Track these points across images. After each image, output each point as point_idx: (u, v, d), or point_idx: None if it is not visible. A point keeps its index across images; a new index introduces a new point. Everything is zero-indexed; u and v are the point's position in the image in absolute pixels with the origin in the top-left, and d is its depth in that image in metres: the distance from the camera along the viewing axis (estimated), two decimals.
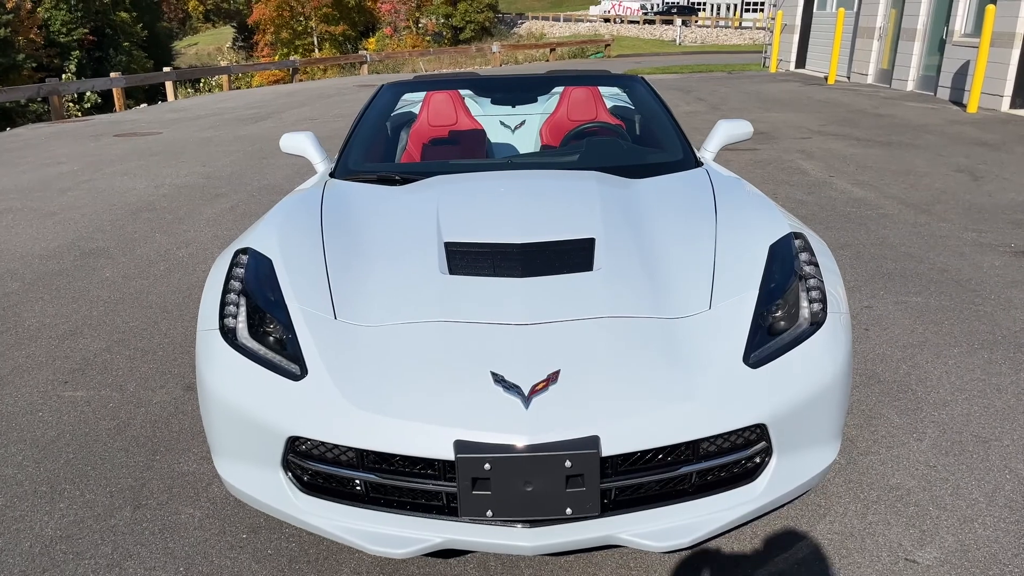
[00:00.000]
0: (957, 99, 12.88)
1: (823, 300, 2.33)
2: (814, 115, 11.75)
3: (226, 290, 2.40)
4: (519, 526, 2.02)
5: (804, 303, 2.31)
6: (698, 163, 3.47)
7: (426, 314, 2.26)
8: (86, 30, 45.01)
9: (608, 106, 4.42)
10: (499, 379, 2.04)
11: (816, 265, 2.44)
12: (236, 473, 2.26)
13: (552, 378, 2.04)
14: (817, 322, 2.28)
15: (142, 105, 19.81)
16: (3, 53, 38.97)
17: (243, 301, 2.35)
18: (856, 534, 2.44)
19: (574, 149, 3.64)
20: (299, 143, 3.79)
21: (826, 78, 16.91)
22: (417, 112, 4.48)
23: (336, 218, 2.81)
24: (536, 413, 1.97)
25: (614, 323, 2.20)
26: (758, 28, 48.18)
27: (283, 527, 2.53)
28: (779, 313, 2.29)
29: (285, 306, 2.30)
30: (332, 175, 3.49)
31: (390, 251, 2.57)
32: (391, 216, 2.84)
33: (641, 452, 2.03)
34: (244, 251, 2.54)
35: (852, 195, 6.86)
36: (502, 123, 4.74)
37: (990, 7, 11.35)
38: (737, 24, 53.97)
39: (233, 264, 2.50)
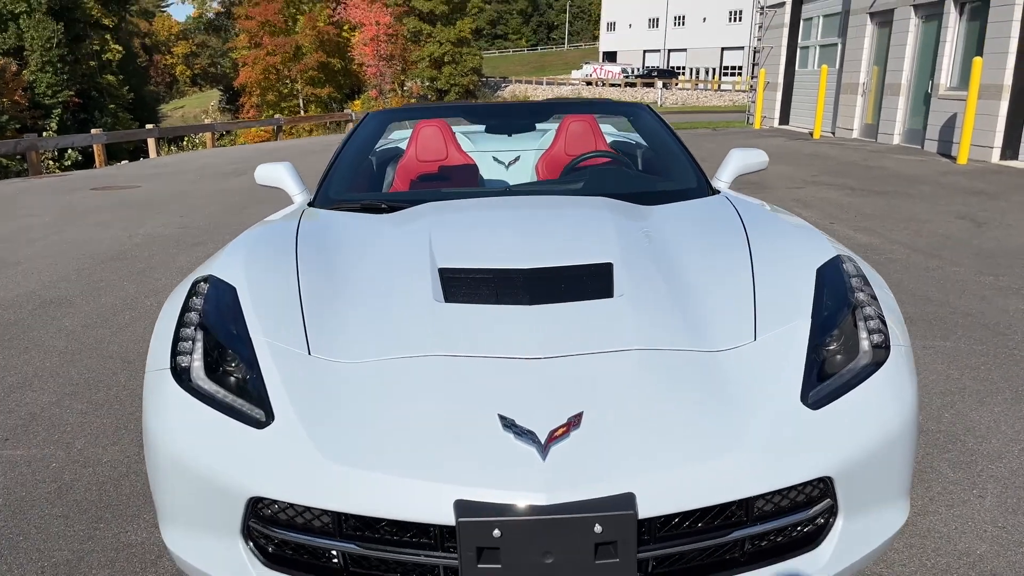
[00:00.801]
0: (945, 151, 12.82)
1: (883, 331, 1.98)
2: (804, 167, 11.61)
3: (181, 324, 2.03)
4: None
5: (863, 334, 1.97)
6: (714, 192, 3.15)
7: (418, 347, 1.89)
8: (72, 92, 45.01)
9: (608, 141, 4.13)
10: (509, 424, 1.67)
11: (870, 290, 2.10)
12: (186, 544, 1.86)
13: (574, 422, 1.67)
14: (880, 357, 1.93)
15: (123, 162, 19.55)
16: None
17: (200, 336, 1.97)
18: None
19: (577, 178, 3.32)
20: (275, 174, 3.46)
21: (811, 133, 16.92)
22: (404, 148, 4.17)
23: (313, 245, 2.45)
24: (556, 465, 1.60)
25: (645, 356, 1.84)
26: (738, 90, 48.97)
27: None
28: (834, 347, 1.94)
29: (249, 340, 1.93)
30: (311, 205, 3.15)
31: (375, 279, 2.22)
32: (376, 244, 2.49)
33: (686, 513, 1.65)
34: (205, 279, 2.18)
35: (857, 240, 6.59)
36: (495, 159, 4.44)
37: (977, 59, 11.35)
38: (716, 87, 54.88)
39: (191, 294, 2.13)
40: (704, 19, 73.28)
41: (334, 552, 1.72)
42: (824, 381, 1.84)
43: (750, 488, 1.64)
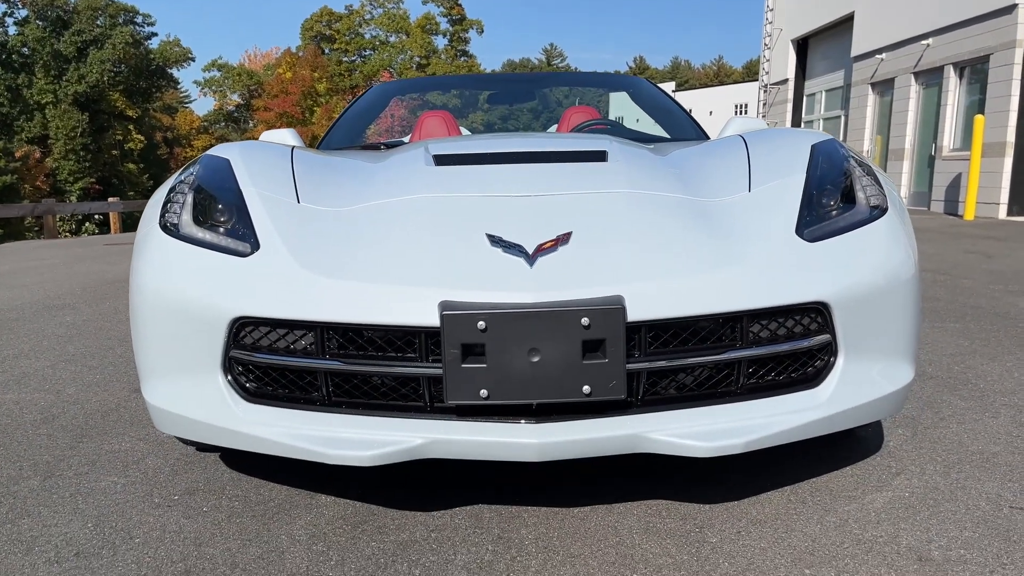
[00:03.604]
0: (951, 211, 12.89)
1: (881, 193, 1.95)
2: None
3: (173, 190, 2.02)
4: (522, 421, 1.56)
5: (860, 194, 1.93)
6: None
7: (407, 192, 1.88)
8: (93, 179, 46.02)
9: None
10: (497, 240, 1.64)
11: (868, 164, 2.08)
12: (165, 393, 1.81)
13: (562, 239, 1.64)
14: (877, 212, 1.89)
15: None
16: (8, 200, 39.72)
17: (191, 195, 1.96)
18: (941, 488, 1.95)
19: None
20: (280, 137, 3.50)
21: None
22: (408, 141, 4.24)
23: (308, 152, 2.47)
24: (543, 271, 1.56)
25: (636, 195, 1.82)
26: None
27: (225, 488, 2.03)
28: (832, 202, 1.90)
29: (239, 191, 1.92)
30: None
31: (367, 160, 2.23)
32: (372, 154, 2.51)
33: (677, 325, 1.59)
34: (197, 160, 2.18)
35: None
36: None
37: (978, 117, 11.52)
38: None
39: (184, 171, 2.13)
40: (711, 112, 75.31)
41: (316, 380, 1.66)
42: (821, 222, 1.81)
43: (743, 302, 1.59)
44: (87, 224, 21.19)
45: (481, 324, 1.47)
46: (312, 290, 1.60)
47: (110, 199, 17.84)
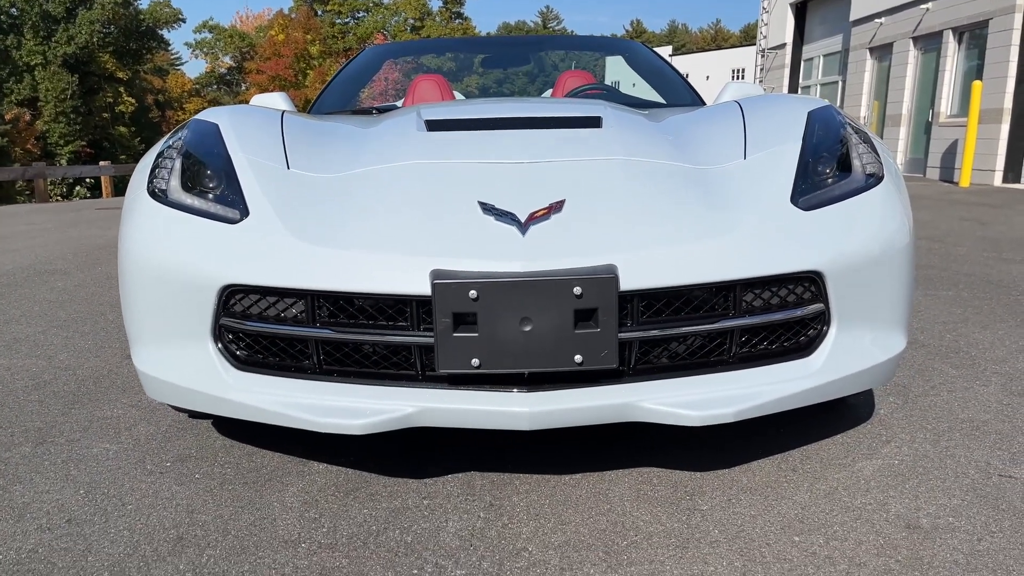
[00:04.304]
0: (947, 178, 12.86)
1: (877, 161, 1.94)
2: None
3: (161, 155, 1.99)
4: (513, 390, 1.56)
5: (856, 161, 1.92)
6: None
7: (399, 159, 1.85)
8: (84, 142, 45.57)
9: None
10: (489, 208, 1.62)
11: (865, 132, 2.06)
12: (155, 361, 1.80)
13: (555, 207, 1.63)
14: (873, 180, 1.88)
15: None
16: None
17: (179, 160, 1.93)
18: (931, 456, 1.96)
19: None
20: (271, 101, 3.45)
21: None
22: (400, 105, 4.19)
23: (298, 116, 2.43)
24: (535, 239, 1.55)
25: (631, 162, 1.81)
26: None
27: (217, 455, 2.03)
28: (828, 170, 1.89)
29: (228, 156, 1.89)
30: None
31: (358, 125, 2.20)
32: (363, 119, 2.48)
33: (670, 294, 1.58)
34: (186, 125, 2.15)
35: None
36: None
37: (976, 83, 11.45)
38: None
39: (172, 136, 2.10)
40: (708, 77, 74.69)
41: (307, 349, 1.66)
42: (816, 190, 1.80)
43: (736, 271, 1.58)
44: (78, 188, 21.04)
45: (473, 293, 1.47)
46: (302, 258, 1.59)
47: (101, 163, 17.68)
